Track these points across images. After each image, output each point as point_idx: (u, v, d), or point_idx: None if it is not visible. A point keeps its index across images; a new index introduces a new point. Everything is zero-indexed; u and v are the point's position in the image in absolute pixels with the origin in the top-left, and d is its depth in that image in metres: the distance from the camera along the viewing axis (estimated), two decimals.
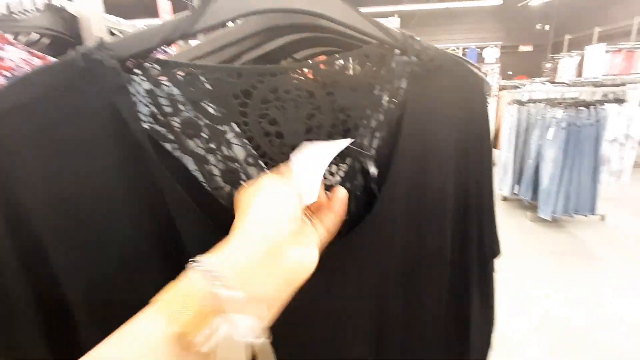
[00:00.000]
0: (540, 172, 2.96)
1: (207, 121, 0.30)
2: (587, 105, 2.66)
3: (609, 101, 2.84)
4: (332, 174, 0.34)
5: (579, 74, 5.24)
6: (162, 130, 0.30)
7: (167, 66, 0.29)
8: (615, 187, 3.19)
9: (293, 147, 0.32)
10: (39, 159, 0.26)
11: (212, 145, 0.31)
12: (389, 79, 0.31)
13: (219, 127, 0.31)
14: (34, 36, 0.44)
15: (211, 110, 0.30)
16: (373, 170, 0.33)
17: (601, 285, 2.19)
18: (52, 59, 0.43)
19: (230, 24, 0.33)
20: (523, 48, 8.85)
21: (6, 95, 0.26)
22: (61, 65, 0.27)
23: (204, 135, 0.31)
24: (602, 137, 2.67)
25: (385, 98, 0.33)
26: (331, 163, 0.31)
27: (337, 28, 0.30)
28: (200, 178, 0.31)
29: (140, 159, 0.27)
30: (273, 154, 0.32)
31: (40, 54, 0.42)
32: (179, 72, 0.29)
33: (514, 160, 3.32)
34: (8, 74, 0.37)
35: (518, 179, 3.37)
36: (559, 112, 2.70)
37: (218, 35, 0.34)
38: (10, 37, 0.38)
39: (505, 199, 3.64)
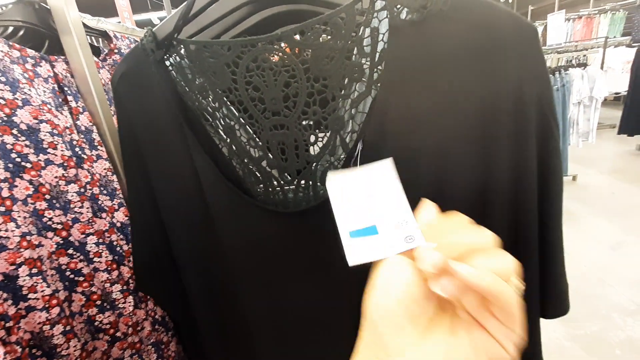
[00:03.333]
0: None
1: (212, 86, 0.34)
2: (552, 71, 2.76)
3: (572, 66, 2.95)
4: (308, 145, 0.35)
5: (544, 43, 5.39)
6: (187, 91, 0.36)
7: (183, 43, 0.34)
8: (584, 148, 3.34)
9: (274, 113, 0.34)
10: (132, 109, 0.40)
11: (216, 105, 0.34)
12: (372, 40, 0.29)
13: (219, 91, 0.34)
14: (9, 29, 0.44)
15: (213, 78, 0.33)
16: (358, 145, 0.32)
17: (573, 237, 2.33)
18: (30, 50, 0.43)
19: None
20: None
21: (120, 66, 0.40)
22: (135, 47, 0.38)
23: (210, 96, 0.34)
24: (569, 101, 2.78)
25: (366, 63, 0.31)
26: (310, 134, 0.34)
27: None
28: (209, 129, 0.37)
29: (174, 110, 0.37)
30: (258, 117, 0.34)
31: (18, 45, 0.42)
32: (191, 46, 0.33)
33: None
34: None
35: None
36: None
37: (209, 12, 0.36)
38: None
39: None
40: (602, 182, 3.19)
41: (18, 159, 0.38)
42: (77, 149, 0.45)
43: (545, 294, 0.30)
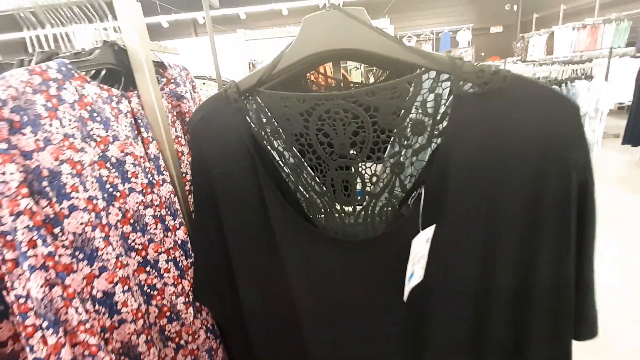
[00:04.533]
0: None
1: (285, 130, 0.39)
2: (559, 83, 2.81)
3: (578, 78, 3.00)
4: (372, 183, 0.41)
5: (549, 52, 5.44)
6: (261, 133, 0.42)
7: (263, 95, 0.40)
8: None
9: (341, 156, 0.40)
10: (209, 154, 0.45)
11: (286, 146, 0.40)
12: (435, 104, 0.34)
13: (292, 134, 0.40)
14: (92, 71, 0.50)
15: (286, 124, 0.39)
16: (421, 189, 0.37)
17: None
18: (114, 90, 0.49)
19: None
20: (494, 29, 9.06)
21: (199, 109, 0.46)
22: (217, 95, 0.45)
23: (282, 138, 0.39)
24: None
25: (429, 122, 0.36)
26: (371, 175, 0.40)
27: (378, 56, 0.38)
28: (278, 166, 0.43)
29: (253, 152, 0.42)
30: (325, 159, 0.40)
31: (106, 87, 0.48)
32: (270, 97, 0.39)
33: None
34: (89, 109, 0.43)
35: None
36: None
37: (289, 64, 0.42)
38: (87, 76, 0.44)
39: None
40: (605, 192, 3.23)
41: (110, 189, 0.43)
42: (149, 176, 0.51)
43: (581, 320, 0.36)
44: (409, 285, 0.36)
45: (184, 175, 0.60)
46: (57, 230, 0.35)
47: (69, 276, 0.35)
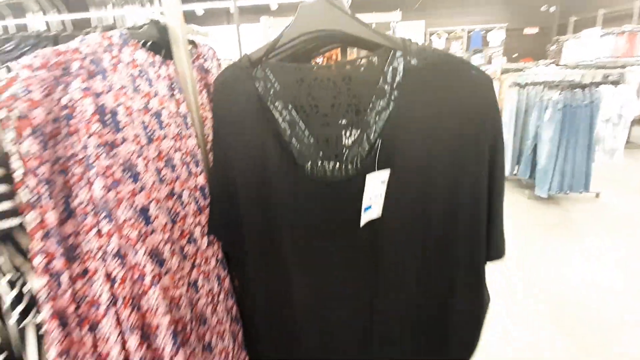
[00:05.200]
0: (538, 152, 3.11)
1: (284, 92, 0.51)
2: (582, 87, 2.79)
3: (604, 83, 2.96)
4: (347, 137, 0.53)
5: (585, 56, 5.29)
6: (266, 95, 0.54)
7: (269, 64, 0.52)
8: (611, 166, 3.34)
9: (324, 115, 0.51)
10: (226, 109, 0.59)
11: (285, 105, 0.52)
12: (392, 75, 0.46)
13: (289, 96, 0.52)
14: (142, 42, 0.64)
15: (285, 88, 0.51)
16: (377, 142, 0.49)
17: (580, 252, 2.39)
18: (157, 57, 0.62)
19: None
20: (528, 30, 8.80)
21: (221, 74, 0.60)
22: (234, 64, 0.58)
23: (281, 99, 0.51)
24: (596, 118, 2.81)
25: (388, 89, 0.47)
26: (345, 130, 0.51)
27: (357, 37, 0.49)
28: (280, 122, 0.55)
29: (260, 110, 0.54)
30: (313, 117, 0.52)
31: (152, 54, 0.61)
32: (275, 66, 0.51)
33: (514, 142, 3.47)
34: (139, 69, 0.57)
35: (517, 159, 3.53)
36: (555, 95, 2.83)
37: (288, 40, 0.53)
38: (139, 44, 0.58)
39: (505, 179, 3.81)
40: (627, 202, 3.17)
41: (150, 132, 0.57)
42: (179, 128, 0.64)
43: (491, 245, 0.47)
44: (365, 215, 0.48)
45: (206, 136, 0.73)
46: (113, 152, 0.49)
47: (119, 186, 0.49)
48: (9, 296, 0.59)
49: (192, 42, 0.79)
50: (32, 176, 0.46)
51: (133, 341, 0.50)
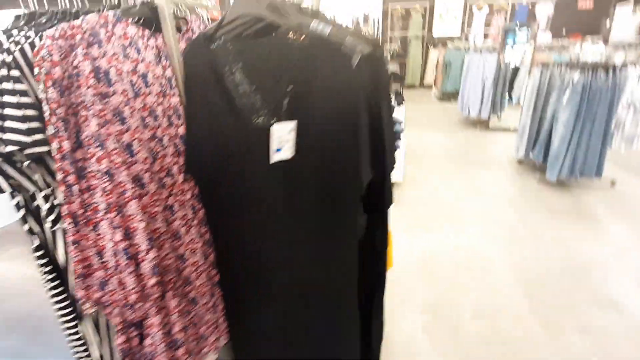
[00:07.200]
0: (553, 135, 3.06)
1: (232, 60, 0.68)
2: (606, 68, 2.68)
3: (634, 64, 2.81)
4: (269, 98, 0.69)
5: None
6: (219, 61, 0.70)
7: (219, 38, 0.67)
8: (631, 154, 3.21)
9: (260, 81, 0.68)
10: (191, 75, 0.77)
11: (232, 70, 0.70)
12: (293, 50, 0.63)
13: (235, 64, 0.69)
14: (135, 18, 0.82)
15: (234, 56, 0.68)
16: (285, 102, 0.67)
17: (589, 239, 2.41)
18: (147, 30, 0.80)
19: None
20: (583, 5, 8.09)
21: (187, 47, 0.79)
22: (196, 38, 0.75)
23: (230, 65, 0.69)
24: (618, 102, 2.71)
25: (293, 61, 0.65)
26: (264, 100, 0.68)
27: (275, 22, 0.64)
28: (229, 83, 0.71)
29: (215, 74, 0.70)
30: (251, 81, 0.69)
31: (142, 28, 0.79)
32: (225, 40, 0.68)
33: (532, 124, 3.41)
34: (129, 40, 0.76)
35: (534, 142, 3.47)
36: (576, 75, 2.75)
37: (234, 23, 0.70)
38: (130, 21, 0.76)
39: (520, 162, 3.76)
40: None
41: (137, 89, 0.76)
42: (163, 88, 0.83)
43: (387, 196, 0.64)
44: (275, 155, 0.65)
45: None
46: (105, 100, 0.68)
47: (109, 126, 0.69)
48: (45, 207, 0.83)
49: (183, 19, 0.96)
50: (53, 115, 0.67)
51: (118, 236, 0.72)
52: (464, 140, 4.83)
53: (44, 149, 0.75)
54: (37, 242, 0.87)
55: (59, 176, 0.70)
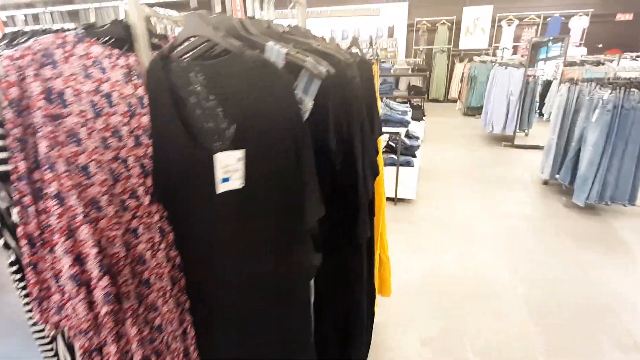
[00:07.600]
0: (581, 157, 2.86)
1: (186, 83, 0.65)
2: (627, 86, 2.48)
3: None
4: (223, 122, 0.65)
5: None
6: (177, 83, 0.68)
7: (172, 60, 0.65)
8: None
9: (211, 102, 0.64)
10: (151, 95, 0.73)
11: (189, 91, 0.66)
12: (239, 73, 0.59)
13: (192, 86, 0.65)
14: (105, 38, 0.81)
15: (189, 79, 0.64)
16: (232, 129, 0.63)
17: (618, 271, 2.20)
18: (115, 50, 0.79)
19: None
20: (621, 17, 7.65)
21: (149, 65, 0.73)
22: (153, 58, 0.72)
23: (185, 87, 0.66)
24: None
25: (242, 85, 0.61)
26: (212, 127, 0.64)
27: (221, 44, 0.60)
28: (185, 104, 0.68)
29: (171, 94, 0.68)
30: (203, 103, 0.65)
31: (110, 48, 0.78)
32: (180, 62, 0.65)
33: (558, 144, 3.21)
34: (92, 60, 0.74)
35: (561, 163, 3.25)
36: (606, 94, 2.56)
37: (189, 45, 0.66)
38: (96, 42, 0.75)
39: (545, 182, 3.54)
40: None
41: (98, 109, 0.74)
42: (132, 107, 0.80)
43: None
44: (223, 185, 0.60)
45: None
46: (58, 121, 0.66)
47: (60, 148, 0.67)
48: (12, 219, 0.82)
49: (162, 36, 0.95)
50: (9, 136, 0.66)
51: (68, 261, 0.70)
52: (487, 157, 4.63)
53: (7, 167, 0.74)
54: (13, 257, 0.86)
55: (15, 196, 0.68)
